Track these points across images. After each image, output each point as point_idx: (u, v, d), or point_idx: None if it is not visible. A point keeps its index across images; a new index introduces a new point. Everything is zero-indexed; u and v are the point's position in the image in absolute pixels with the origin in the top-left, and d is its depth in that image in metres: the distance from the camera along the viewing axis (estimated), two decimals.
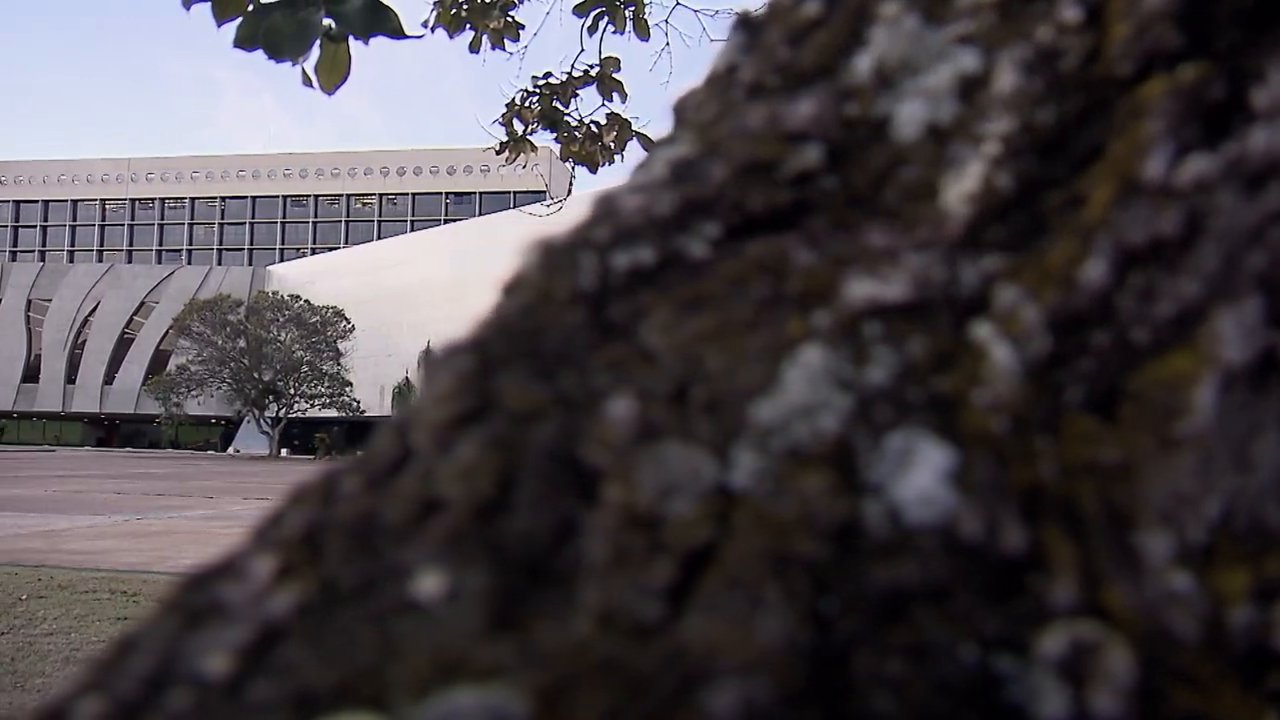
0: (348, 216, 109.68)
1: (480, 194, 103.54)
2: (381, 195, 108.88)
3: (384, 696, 0.31)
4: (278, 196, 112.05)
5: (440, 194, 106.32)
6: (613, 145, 5.31)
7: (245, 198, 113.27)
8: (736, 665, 0.31)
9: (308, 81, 2.60)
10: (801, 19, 0.50)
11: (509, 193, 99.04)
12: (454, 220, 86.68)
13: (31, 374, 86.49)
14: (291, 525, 0.36)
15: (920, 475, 0.35)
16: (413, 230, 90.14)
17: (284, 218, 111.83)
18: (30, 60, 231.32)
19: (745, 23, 0.53)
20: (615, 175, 5.86)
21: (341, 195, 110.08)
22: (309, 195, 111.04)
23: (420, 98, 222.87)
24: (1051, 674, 0.33)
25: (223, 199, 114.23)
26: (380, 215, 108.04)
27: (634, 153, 5.43)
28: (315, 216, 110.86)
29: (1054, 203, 0.42)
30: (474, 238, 66.02)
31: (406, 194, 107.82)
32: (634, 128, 5.32)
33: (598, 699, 0.31)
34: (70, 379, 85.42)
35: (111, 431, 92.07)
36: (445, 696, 0.30)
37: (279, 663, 0.32)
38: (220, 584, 0.36)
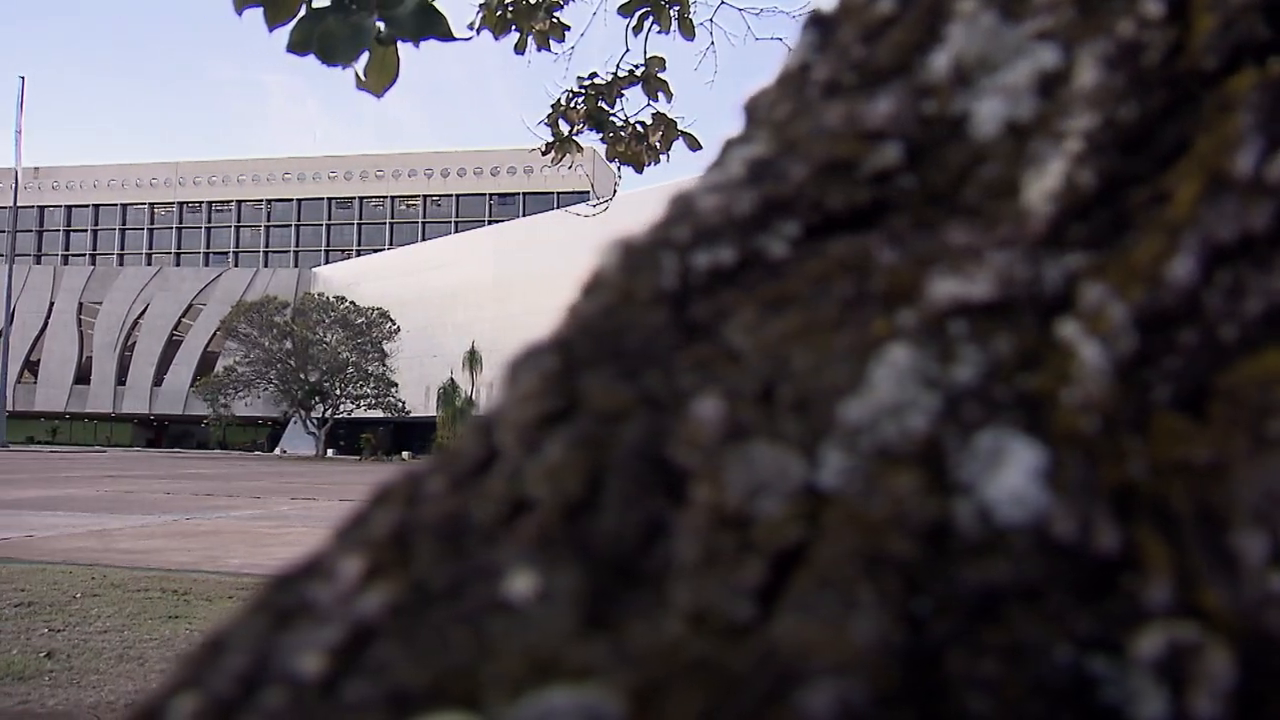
0: (392, 218, 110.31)
1: (524, 195, 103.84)
2: (426, 197, 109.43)
3: (478, 696, 0.31)
4: (323, 199, 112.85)
5: (484, 195, 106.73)
6: (658, 145, 5.32)
7: (291, 200, 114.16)
8: (830, 666, 0.31)
9: (360, 84, 2.61)
10: (876, 16, 0.50)
11: (552, 193, 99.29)
12: (498, 221, 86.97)
13: (83, 376, 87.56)
14: (379, 526, 0.36)
15: (1011, 474, 0.35)
16: (456, 231, 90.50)
17: (329, 220, 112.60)
18: (80, 67, 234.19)
19: (818, 21, 0.52)
20: (661, 175, 5.86)
21: (386, 197, 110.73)
22: (354, 197, 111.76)
23: (463, 100, 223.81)
24: (1149, 676, 0.32)
25: (269, 202, 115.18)
26: (424, 217, 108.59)
27: (679, 153, 5.42)
28: (360, 218, 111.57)
29: (1138, 199, 0.42)
30: (517, 238, 66.24)
31: (450, 195, 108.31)
32: (679, 127, 5.32)
33: (691, 699, 0.31)
34: (120, 381, 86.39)
35: (160, 432, 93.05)
36: (539, 697, 0.30)
37: (372, 662, 0.32)
38: (308, 584, 0.36)
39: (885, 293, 0.40)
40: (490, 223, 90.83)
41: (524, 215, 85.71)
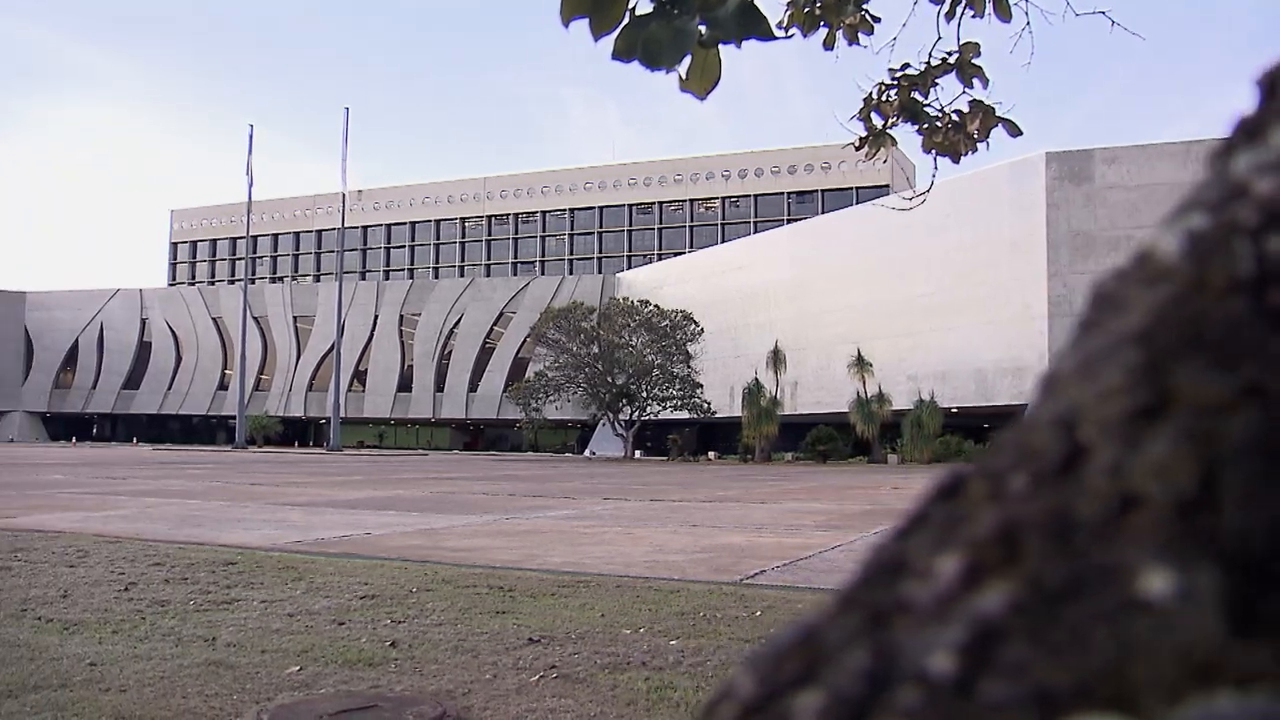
0: (692, 221, 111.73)
1: (822, 192, 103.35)
2: (724, 198, 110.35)
3: (1129, 698, 0.30)
4: (624, 205, 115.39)
5: (782, 194, 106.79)
6: (976, 134, 5.18)
7: (593, 208, 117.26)
8: None
9: (684, 87, 2.64)
10: None
11: (851, 189, 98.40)
12: (796, 220, 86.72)
13: (405, 384, 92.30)
14: (976, 525, 0.36)
15: None
16: (756, 231, 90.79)
17: (630, 225, 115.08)
18: (393, 92, 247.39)
19: None
20: (975, 163, 5.70)
21: (685, 201, 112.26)
22: (654, 202, 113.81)
23: (757, 100, 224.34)
24: None
25: (572, 211, 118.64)
26: (723, 218, 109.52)
27: (998, 140, 5.27)
28: (660, 223, 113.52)
29: None
30: (815, 236, 65.89)
31: (749, 196, 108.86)
32: (998, 114, 5.17)
33: None
34: (439, 387, 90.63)
35: (476, 436, 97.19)
36: (1204, 702, 0.29)
37: (1006, 662, 0.32)
38: (898, 583, 0.36)
39: None
40: (789, 221, 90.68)
41: (823, 212, 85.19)
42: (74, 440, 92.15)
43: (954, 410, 53.21)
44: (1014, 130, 5.22)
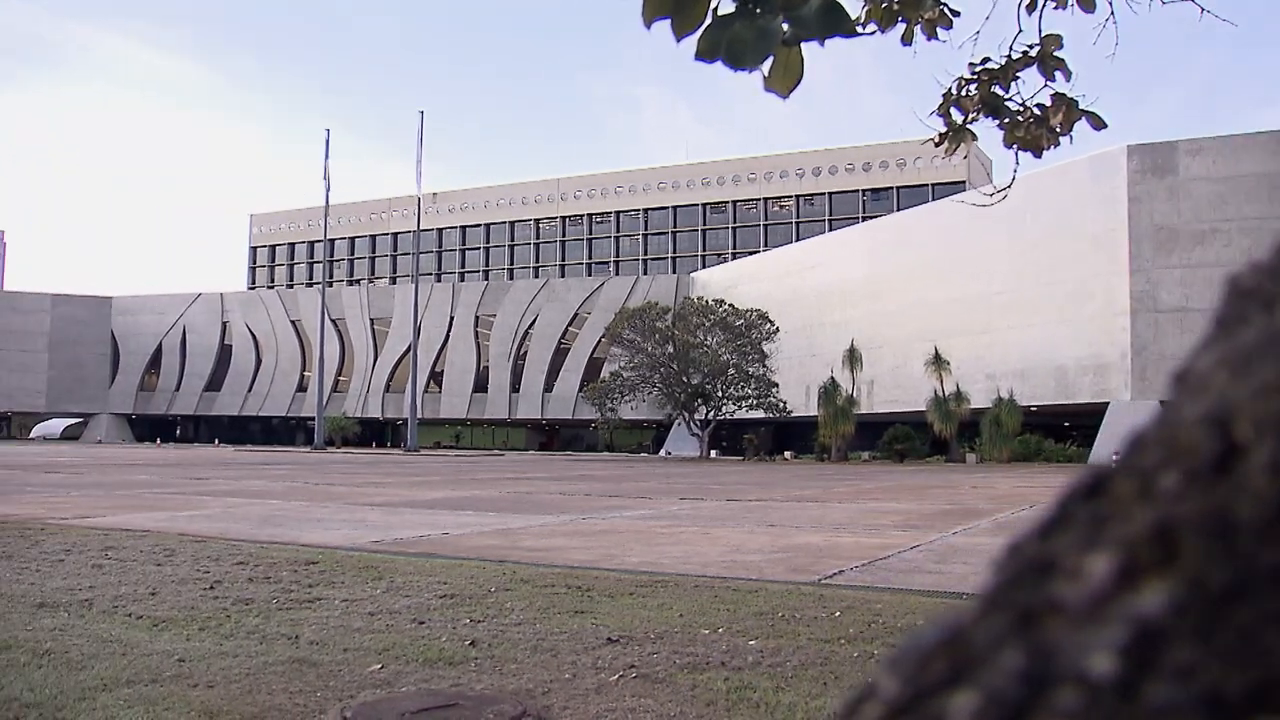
0: (766, 220, 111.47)
1: (897, 189, 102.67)
2: (798, 197, 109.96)
3: None
4: (697, 205, 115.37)
5: (857, 191, 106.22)
6: (1059, 128, 5.11)
7: (667, 208, 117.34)
8: None
9: (767, 86, 2.64)
10: None
11: (926, 185, 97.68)
12: (871, 217, 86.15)
13: (481, 384, 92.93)
14: (1132, 524, 0.35)
15: None
16: (830, 229, 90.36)
17: (704, 225, 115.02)
18: (467, 95, 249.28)
19: None
20: (1053, 157, 5.63)
21: (759, 199, 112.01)
22: (727, 201, 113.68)
23: (830, 97, 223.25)
24: None
25: (646, 210, 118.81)
26: (798, 217, 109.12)
27: (1077, 133, 5.19)
28: (734, 222, 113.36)
29: None
30: (891, 233, 65.40)
31: (823, 193, 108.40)
32: (1081, 106, 5.10)
33: None
34: (514, 388, 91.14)
35: (552, 436, 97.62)
36: None
37: (1172, 664, 0.31)
38: (1049, 582, 0.35)
39: None
40: (864, 219, 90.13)
41: (898, 209, 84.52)
42: (158, 441, 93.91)
43: (1033, 408, 52.56)
44: (1098, 123, 5.15)
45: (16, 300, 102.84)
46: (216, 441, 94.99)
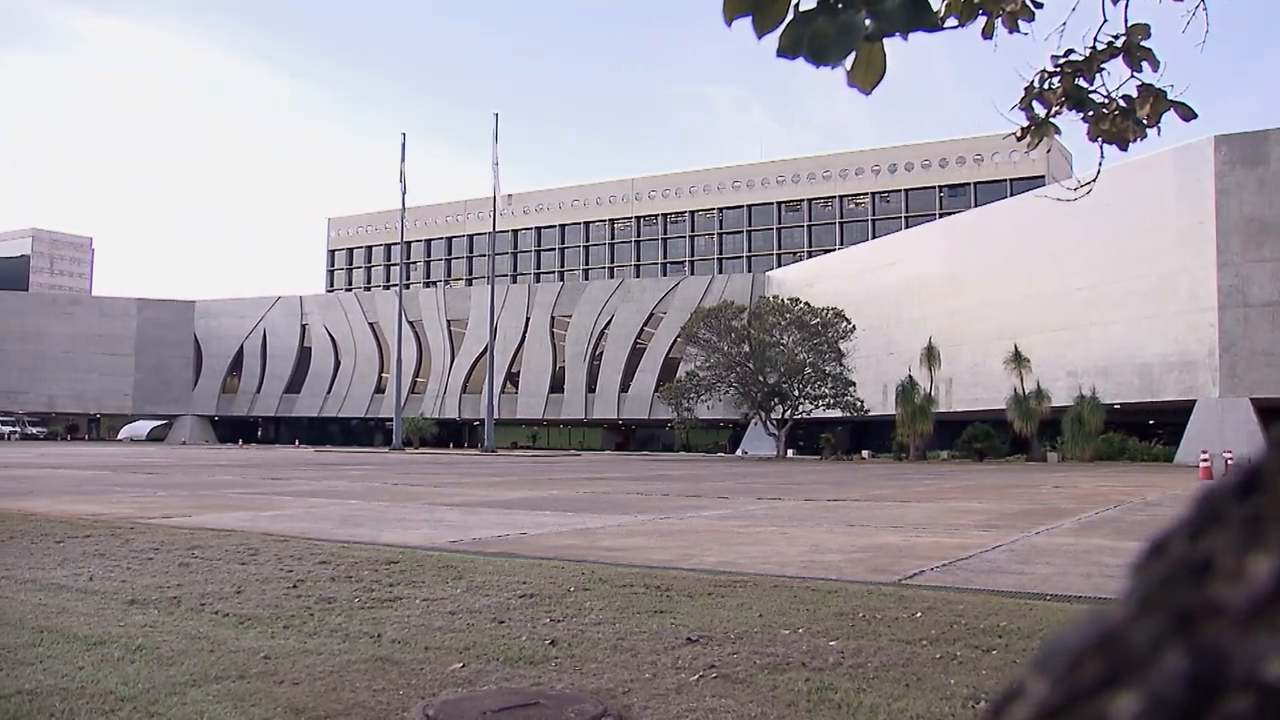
0: (841, 218, 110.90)
1: (974, 184, 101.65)
2: (874, 194, 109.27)
3: None
4: (772, 203, 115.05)
5: (933, 188, 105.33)
6: (1146, 119, 5.00)
7: (741, 207, 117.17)
8: None
9: (850, 82, 2.61)
10: None
11: (1005, 181, 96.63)
12: (948, 213, 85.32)
13: (557, 385, 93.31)
14: None
15: None
16: (907, 226, 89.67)
17: (779, 223, 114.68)
18: (540, 97, 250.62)
19: None
20: (1136, 150, 5.51)
21: (834, 197, 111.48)
22: (802, 199, 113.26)
23: (905, 92, 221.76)
24: None
25: (720, 210, 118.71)
26: (874, 214, 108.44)
27: (1169, 125, 5.08)
28: (809, 220, 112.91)
29: None
30: (969, 230, 64.71)
31: (899, 190, 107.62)
32: (1169, 97, 4.98)
33: None
34: (590, 388, 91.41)
35: (628, 436, 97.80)
36: None
37: None
38: (1207, 584, 0.32)
39: None
40: (940, 215, 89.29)
41: (976, 205, 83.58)
42: (240, 442, 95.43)
43: (1117, 406, 51.75)
44: (1187, 114, 5.03)
45: (104, 305, 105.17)
46: (296, 442, 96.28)
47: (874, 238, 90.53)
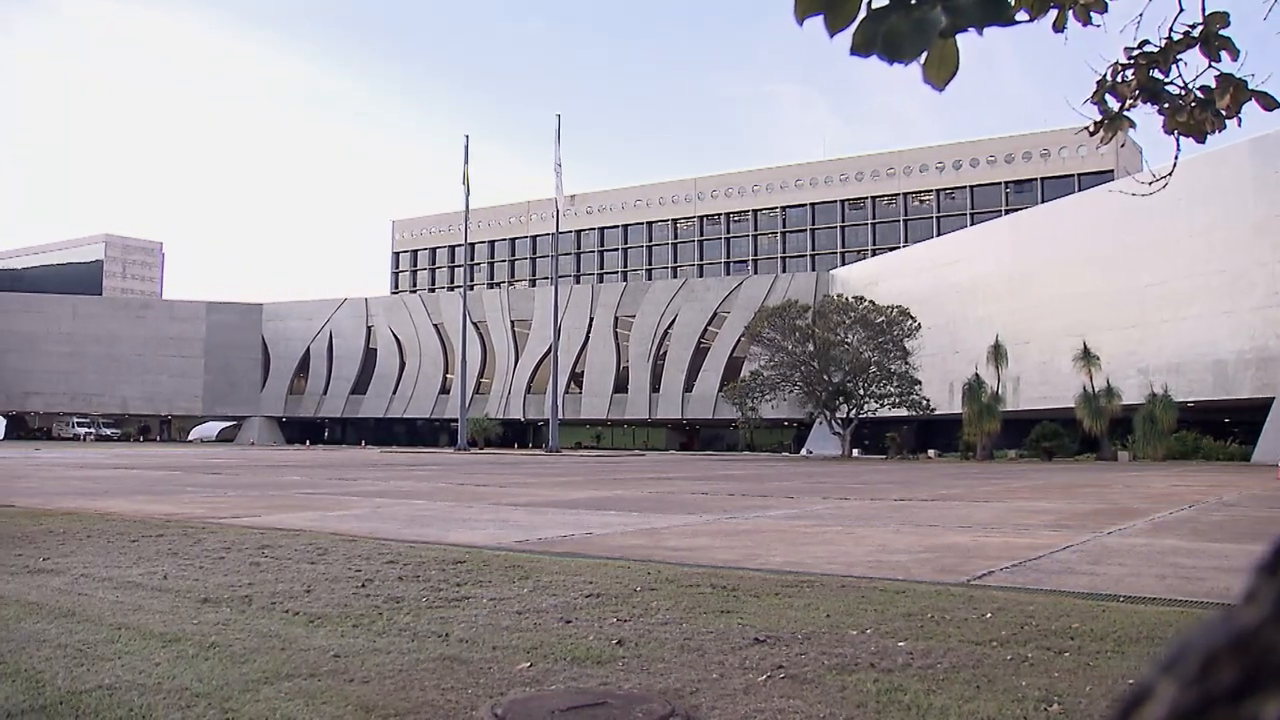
0: (905, 215, 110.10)
1: (1041, 180, 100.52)
2: (939, 191, 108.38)
3: None
4: (836, 201, 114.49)
5: (999, 184, 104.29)
6: (1225, 110, 4.90)
7: (805, 205, 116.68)
8: None
9: (925, 78, 2.58)
10: None
11: (1072, 176, 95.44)
12: (1015, 209, 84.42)
13: (621, 385, 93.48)
14: None
15: None
16: (972, 223, 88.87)
17: (843, 222, 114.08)
18: (602, 97, 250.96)
19: None
20: (1208, 142, 5.40)
21: (898, 195, 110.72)
22: (866, 197, 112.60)
23: (970, 88, 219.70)
24: None
25: (783, 208, 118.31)
26: (938, 211, 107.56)
27: (1250, 115, 4.97)
28: (873, 218, 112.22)
29: None
30: (1036, 226, 63.96)
31: (964, 187, 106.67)
32: (1250, 87, 4.88)
33: None
34: (654, 388, 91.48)
35: (692, 436, 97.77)
36: None
37: None
38: None
39: None
40: (1006, 211, 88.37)
41: (1042, 201, 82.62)
42: (307, 443, 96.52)
43: (1190, 404, 50.93)
44: (1269, 104, 4.92)
45: (174, 309, 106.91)
46: (363, 443, 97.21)
47: (939, 235, 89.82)
